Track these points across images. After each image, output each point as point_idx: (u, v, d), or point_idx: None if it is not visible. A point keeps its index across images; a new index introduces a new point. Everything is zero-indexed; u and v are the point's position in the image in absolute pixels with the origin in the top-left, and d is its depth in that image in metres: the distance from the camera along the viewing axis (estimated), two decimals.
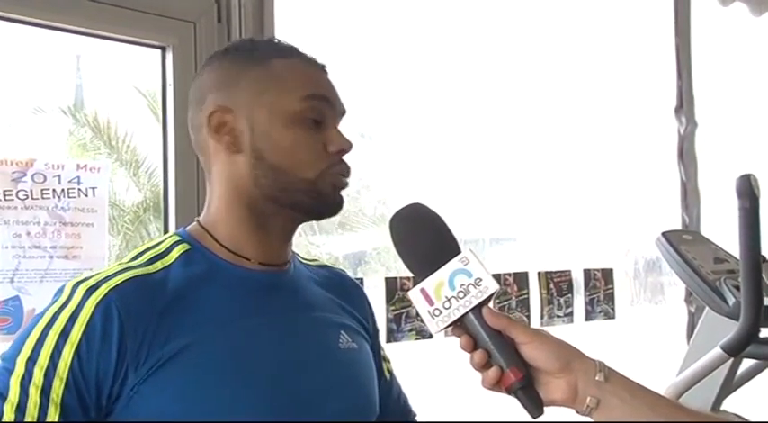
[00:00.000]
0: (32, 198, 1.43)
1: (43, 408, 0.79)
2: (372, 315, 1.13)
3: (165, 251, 0.94)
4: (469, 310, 0.82)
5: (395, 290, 1.84)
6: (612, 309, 2.33)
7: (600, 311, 2.29)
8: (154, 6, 1.56)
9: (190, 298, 0.90)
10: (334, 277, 1.10)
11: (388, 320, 1.82)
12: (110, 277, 0.87)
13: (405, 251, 0.87)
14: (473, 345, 0.82)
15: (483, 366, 0.82)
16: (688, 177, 2.59)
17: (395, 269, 2.66)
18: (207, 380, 0.86)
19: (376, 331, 1.13)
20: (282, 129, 0.93)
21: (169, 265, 0.92)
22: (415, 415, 1.18)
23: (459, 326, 0.83)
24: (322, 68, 1.00)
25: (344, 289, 1.09)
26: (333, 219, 1.05)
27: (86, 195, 1.48)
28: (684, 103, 2.60)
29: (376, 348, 1.11)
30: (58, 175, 1.46)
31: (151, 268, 0.91)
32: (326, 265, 1.12)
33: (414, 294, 0.84)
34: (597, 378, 0.80)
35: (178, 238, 0.96)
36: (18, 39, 1.59)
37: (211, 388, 0.86)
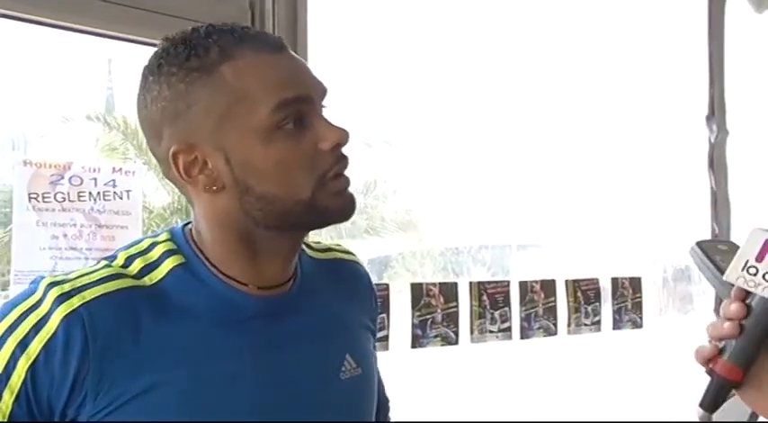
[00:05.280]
0: (69, 200, 1.45)
1: None
2: (376, 309, 1.02)
3: (155, 261, 0.83)
4: None
5: (420, 296, 1.83)
6: (640, 318, 2.30)
7: (628, 320, 2.27)
8: (186, 11, 1.56)
9: (171, 326, 0.80)
10: (346, 274, 0.98)
11: (414, 326, 1.81)
12: (88, 286, 0.78)
13: None
14: (741, 316, 0.76)
15: (720, 339, 0.77)
16: (718, 186, 2.56)
17: (420, 274, 2.67)
18: None
19: (377, 326, 1.03)
20: (261, 149, 0.79)
21: (159, 281, 0.82)
22: (388, 399, 1.08)
23: (746, 297, 0.76)
24: (280, 51, 0.82)
25: (356, 289, 0.98)
26: (359, 224, 1.01)
27: (121, 198, 1.50)
28: (716, 111, 2.57)
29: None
30: (94, 178, 1.49)
31: (139, 282, 0.81)
32: (339, 258, 0.99)
33: (756, 236, 0.75)
34: None
35: (172, 247, 0.85)
36: (52, 43, 1.63)
37: None
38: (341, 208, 0.83)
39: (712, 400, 0.78)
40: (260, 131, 0.79)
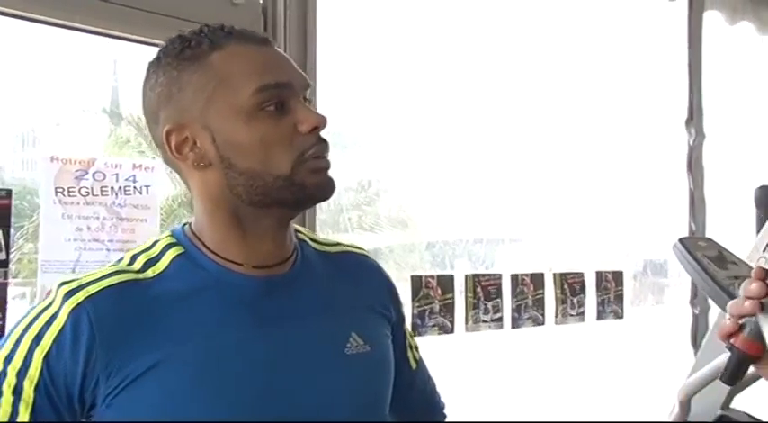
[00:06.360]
0: (93, 194, 1.51)
1: (15, 405, 0.82)
2: (396, 301, 1.05)
3: (157, 255, 0.90)
4: None
5: (419, 287, 1.90)
6: (621, 309, 2.40)
7: (610, 311, 2.37)
8: (199, 16, 1.55)
9: (174, 309, 0.86)
10: (353, 264, 1.02)
11: (413, 316, 1.87)
12: (92, 282, 0.85)
13: None
14: (762, 295, 0.80)
15: (741, 316, 0.81)
16: (696, 186, 2.68)
17: (419, 267, 2.78)
18: (179, 399, 0.82)
19: (401, 318, 1.05)
20: (243, 129, 0.86)
21: (161, 272, 0.88)
22: (443, 406, 1.12)
23: (766, 276, 0.81)
24: (265, 44, 0.90)
25: (364, 277, 1.01)
26: (354, 220, 1.06)
27: (141, 193, 1.57)
28: (695, 116, 2.70)
29: (400, 337, 1.04)
30: (116, 174, 1.55)
31: (141, 275, 0.87)
32: (347, 250, 1.03)
33: None
34: None
35: (172, 241, 0.92)
36: (59, 43, 1.68)
37: (183, 409, 0.82)
38: (318, 184, 0.88)
39: (732, 374, 0.83)
40: (242, 112, 0.85)
